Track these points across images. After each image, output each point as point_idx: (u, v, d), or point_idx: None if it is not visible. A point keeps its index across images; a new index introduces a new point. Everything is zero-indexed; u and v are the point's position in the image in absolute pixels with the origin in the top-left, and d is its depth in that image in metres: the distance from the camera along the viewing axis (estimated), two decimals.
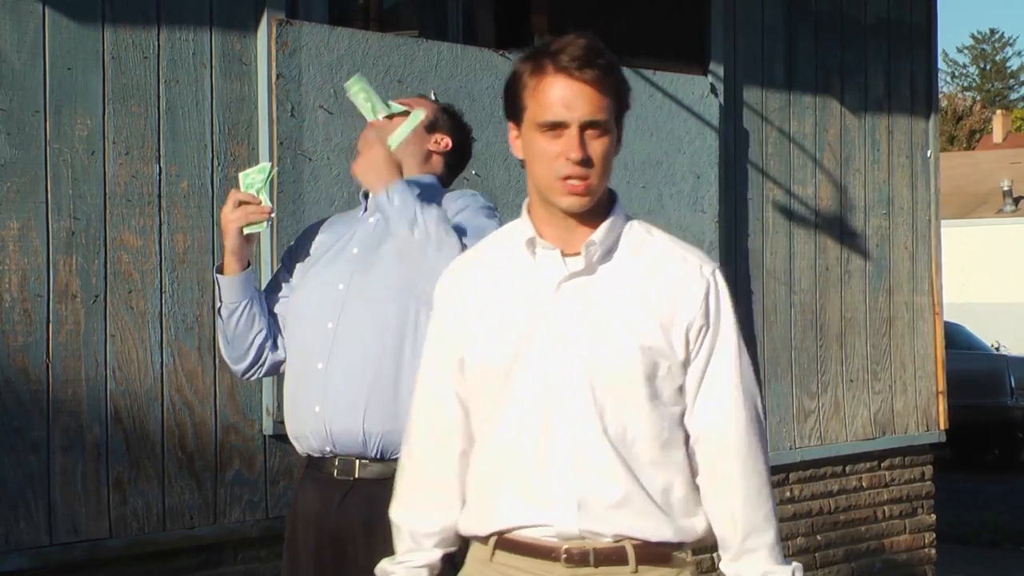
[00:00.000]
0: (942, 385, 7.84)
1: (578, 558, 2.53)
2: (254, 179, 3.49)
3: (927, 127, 7.83)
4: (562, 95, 2.49)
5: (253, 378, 3.67)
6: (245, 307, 3.52)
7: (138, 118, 4.70)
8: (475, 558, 2.68)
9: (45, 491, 4.46)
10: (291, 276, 3.59)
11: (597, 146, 2.51)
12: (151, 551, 4.69)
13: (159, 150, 4.75)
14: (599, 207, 2.57)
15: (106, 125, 4.62)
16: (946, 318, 8.36)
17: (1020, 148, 38.82)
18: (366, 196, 3.57)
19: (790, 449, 7.03)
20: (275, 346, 3.57)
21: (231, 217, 3.46)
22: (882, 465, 7.59)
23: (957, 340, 14.83)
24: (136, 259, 4.69)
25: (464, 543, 2.74)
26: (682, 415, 2.59)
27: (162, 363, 4.73)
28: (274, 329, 3.57)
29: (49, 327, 4.49)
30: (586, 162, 2.49)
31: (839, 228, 7.30)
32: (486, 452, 2.63)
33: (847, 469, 7.39)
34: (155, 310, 4.72)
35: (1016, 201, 30.37)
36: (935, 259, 7.81)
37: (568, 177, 2.50)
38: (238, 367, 3.60)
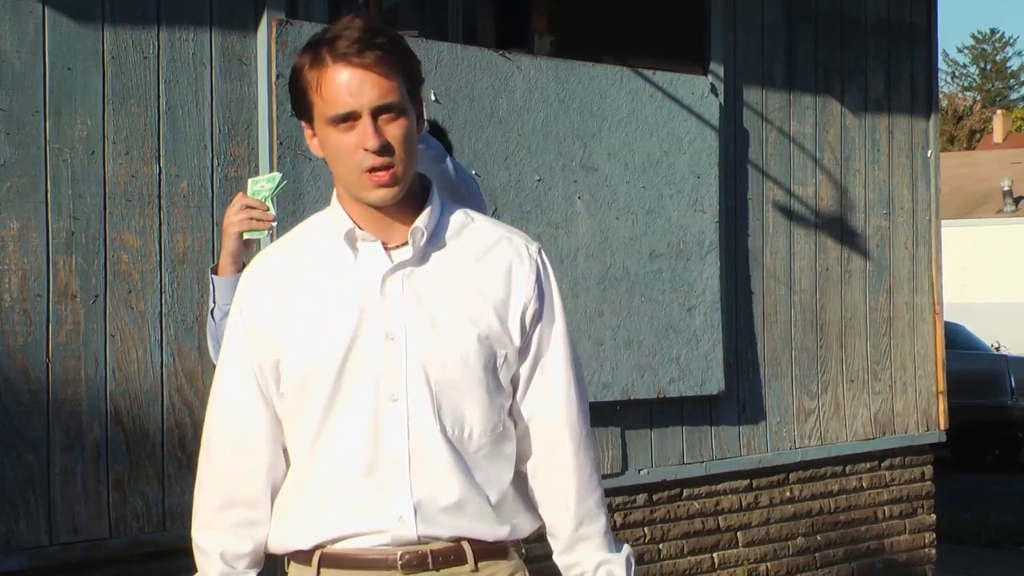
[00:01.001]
0: (942, 385, 7.84)
1: (416, 563, 2.38)
2: (262, 187, 3.49)
3: (927, 127, 7.83)
4: (346, 84, 2.32)
5: None
6: None
7: (138, 118, 4.70)
8: None
9: (45, 491, 4.46)
10: None
11: (394, 130, 2.34)
12: (151, 551, 4.69)
13: (159, 150, 4.75)
14: (413, 195, 2.42)
15: (106, 125, 4.62)
16: (946, 318, 8.36)
17: (1020, 148, 38.81)
18: None
19: (790, 449, 7.03)
20: None
21: (234, 220, 3.46)
22: (882, 465, 7.59)
23: (957, 340, 14.81)
24: (136, 259, 4.69)
25: (271, 564, 2.53)
26: (511, 405, 2.46)
27: (162, 363, 4.73)
28: None
29: (49, 327, 4.49)
30: (386, 149, 2.33)
31: (839, 228, 7.30)
32: (310, 462, 2.42)
33: (847, 469, 7.39)
34: (155, 310, 4.72)
35: (1016, 201, 30.35)
36: (935, 259, 7.81)
37: (372, 169, 2.35)
38: None
